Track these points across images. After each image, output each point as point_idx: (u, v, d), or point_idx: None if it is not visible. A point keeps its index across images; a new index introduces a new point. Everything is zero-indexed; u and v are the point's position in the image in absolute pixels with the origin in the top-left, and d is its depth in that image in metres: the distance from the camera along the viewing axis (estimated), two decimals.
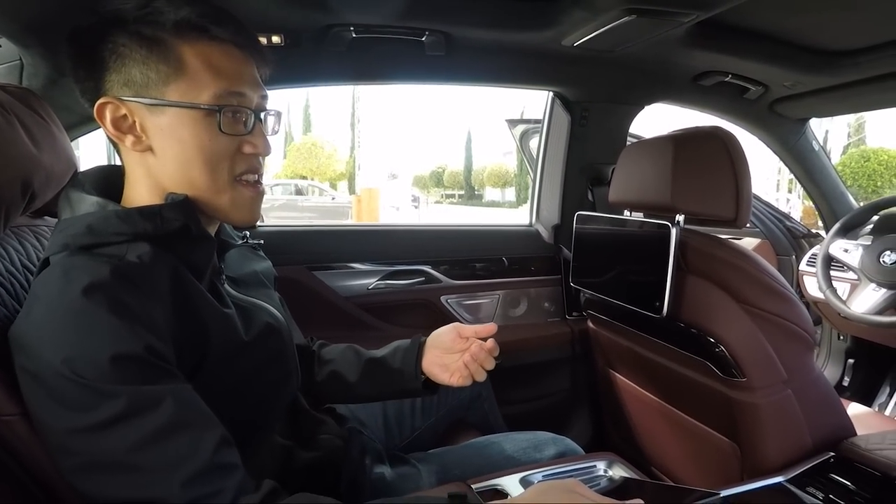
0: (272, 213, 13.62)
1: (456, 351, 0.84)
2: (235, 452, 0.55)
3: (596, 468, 0.76)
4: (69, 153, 0.75)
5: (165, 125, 0.59)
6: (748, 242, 2.31)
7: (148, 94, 0.58)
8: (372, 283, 1.46)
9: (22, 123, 0.65)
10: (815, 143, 1.79)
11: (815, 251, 1.77)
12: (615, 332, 1.31)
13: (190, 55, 0.59)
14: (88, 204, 0.60)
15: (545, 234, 1.65)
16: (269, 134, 0.67)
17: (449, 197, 32.30)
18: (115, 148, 0.64)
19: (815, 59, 1.30)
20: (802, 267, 1.90)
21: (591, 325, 1.43)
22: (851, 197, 1.92)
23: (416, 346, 0.87)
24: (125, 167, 0.64)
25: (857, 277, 1.55)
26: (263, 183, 0.69)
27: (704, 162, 1.03)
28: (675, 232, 1.02)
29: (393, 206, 17.65)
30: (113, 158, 0.72)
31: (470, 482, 0.81)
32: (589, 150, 1.55)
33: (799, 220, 2.37)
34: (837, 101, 1.48)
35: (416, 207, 20.64)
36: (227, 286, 0.70)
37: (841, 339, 2.05)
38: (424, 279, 1.51)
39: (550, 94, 1.56)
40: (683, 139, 1.05)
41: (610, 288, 1.22)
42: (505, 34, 1.17)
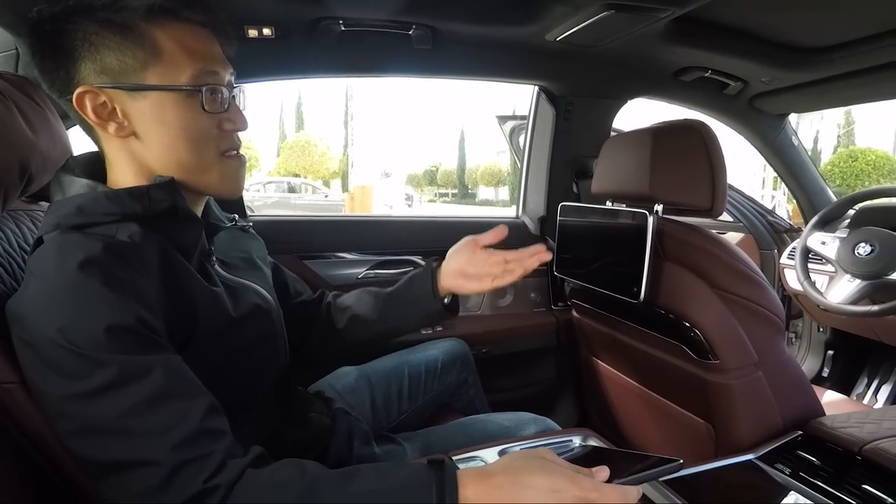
0: (264, 210, 13.56)
1: (476, 262, 0.86)
2: (224, 420, 0.57)
3: (572, 442, 0.79)
4: (64, 139, 0.77)
5: (148, 109, 0.61)
6: (732, 237, 2.35)
7: (127, 80, 0.60)
8: (361, 272, 1.49)
9: (20, 109, 0.67)
10: (794, 138, 1.83)
11: (795, 244, 1.82)
12: (597, 320, 1.35)
13: (164, 38, 0.60)
14: (78, 186, 0.62)
15: (531, 225, 1.69)
16: (244, 108, 0.69)
17: (443, 196, 32.29)
18: (91, 136, 0.65)
19: (790, 55, 1.35)
20: (783, 260, 1.94)
21: (575, 314, 1.47)
22: (830, 191, 1.97)
23: (429, 270, 0.90)
24: (106, 154, 0.65)
25: (833, 269, 1.59)
26: (256, 181, 0.72)
27: (682, 153, 1.06)
28: (651, 220, 1.05)
29: (386, 204, 17.63)
30: None
31: (451, 454, 0.84)
32: (573, 143, 1.58)
33: (787, 217, 2.41)
34: (814, 96, 1.52)
35: (409, 206, 20.63)
36: (216, 267, 0.73)
37: (821, 330, 2.10)
38: (413, 269, 1.54)
39: (536, 88, 1.59)
40: (662, 131, 1.08)
41: (591, 276, 1.26)
42: (489, 28, 1.20)
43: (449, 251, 0.90)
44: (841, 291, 1.55)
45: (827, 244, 1.64)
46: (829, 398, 1.73)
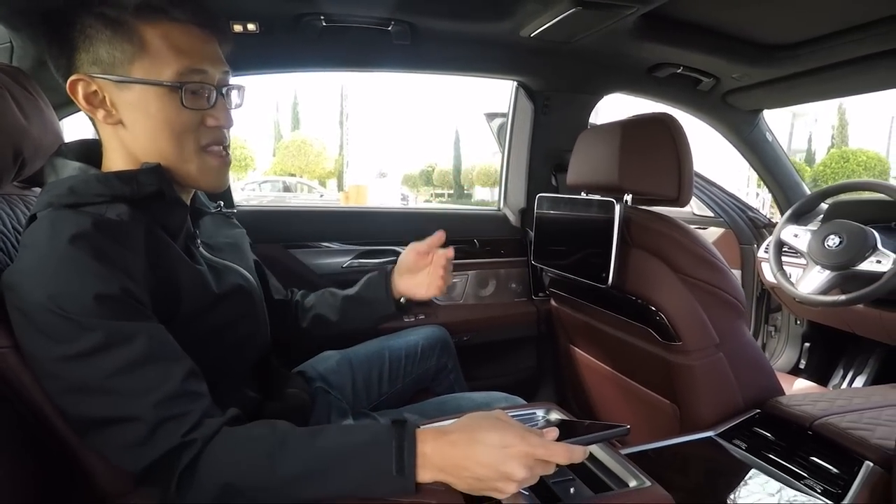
0: None
1: (422, 268, 0.95)
2: (203, 384, 0.62)
3: (535, 414, 0.84)
4: (56, 128, 0.82)
5: (133, 100, 0.65)
6: (713, 232, 2.41)
7: (115, 71, 0.64)
8: (345, 261, 1.53)
9: (14, 98, 0.72)
10: (768, 134, 1.89)
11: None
12: (574, 307, 1.40)
13: (151, 35, 0.64)
14: (71, 168, 0.67)
15: (512, 217, 1.74)
16: (232, 107, 0.72)
17: (438, 196, 32.28)
18: (91, 122, 0.71)
19: (757, 52, 1.40)
20: (760, 254, 2.00)
21: (553, 303, 1.52)
22: (805, 186, 2.03)
23: (383, 275, 0.98)
24: (101, 139, 0.70)
25: (805, 261, 1.64)
26: (252, 180, 0.76)
27: (649, 145, 1.11)
28: (618, 209, 1.10)
29: (382, 204, 17.70)
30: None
31: (421, 423, 0.89)
32: (552, 137, 1.63)
33: (770, 213, 2.46)
34: (783, 92, 1.57)
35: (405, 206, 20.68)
36: (200, 249, 0.78)
37: (798, 323, 2.15)
38: (395, 258, 1.59)
39: (515, 83, 1.64)
40: (631, 124, 1.13)
41: (565, 263, 1.31)
42: (466, 25, 1.25)
43: (398, 260, 0.97)
44: (811, 282, 1.61)
45: (799, 237, 1.69)
46: (799, 385, 1.79)
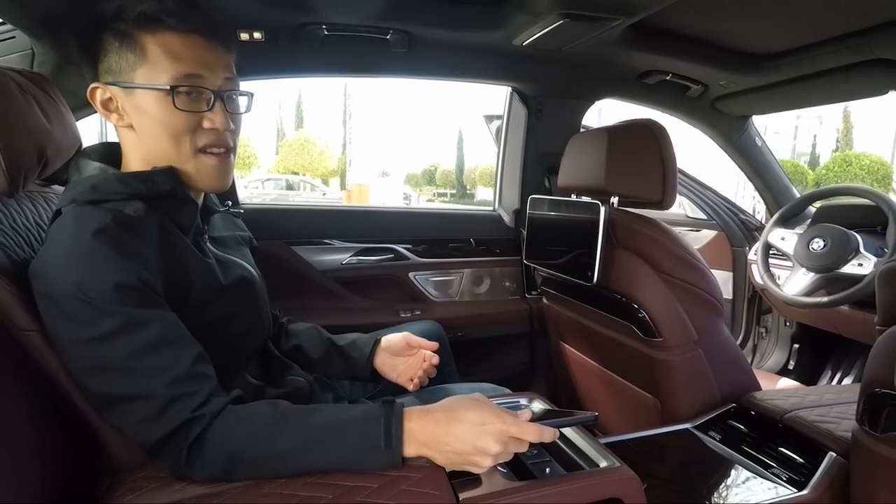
0: None
1: (404, 356, 1.01)
2: (210, 367, 0.68)
3: (518, 403, 0.90)
4: (74, 129, 0.88)
5: (137, 104, 0.71)
6: (705, 234, 2.46)
7: (122, 78, 0.70)
8: (345, 258, 1.60)
9: (37, 102, 0.78)
10: (758, 139, 1.94)
11: None
12: (564, 305, 1.46)
13: (151, 44, 0.69)
14: (92, 168, 0.73)
15: (507, 218, 1.79)
16: (239, 112, 0.78)
17: (441, 195, 32.35)
18: (115, 126, 0.77)
19: (742, 60, 1.46)
20: (750, 256, 2.05)
21: (545, 301, 1.58)
22: (795, 190, 2.07)
23: (370, 342, 1.03)
24: (121, 142, 0.77)
25: (791, 264, 1.69)
26: (255, 178, 0.82)
27: (635, 150, 1.16)
28: (603, 211, 1.16)
29: (384, 203, 17.78)
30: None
31: None
32: (545, 140, 1.69)
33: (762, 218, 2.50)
34: (769, 99, 1.63)
35: (407, 205, 20.75)
36: (208, 244, 0.84)
37: (787, 325, 2.19)
38: (394, 256, 1.65)
39: (509, 89, 1.70)
40: (617, 130, 1.19)
41: (554, 262, 1.37)
42: (461, 34, 1.31)
43: (386, 337, 1.03)
44: (797, 284, 1.66)
45: (786, 239, 1.74)
46: (783, 384, 1.84)
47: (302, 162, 24.15)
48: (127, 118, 0.72)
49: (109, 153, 0.78)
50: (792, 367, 2.18)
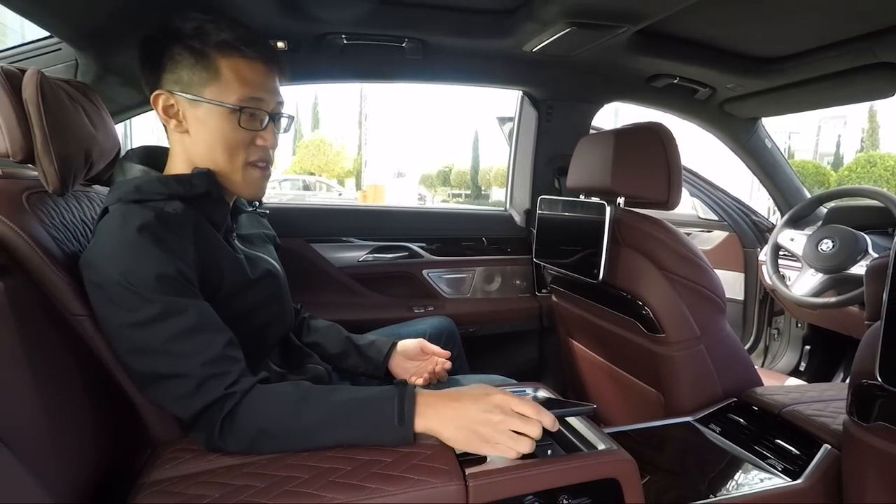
0: None
1: (417, 361, 1.08)
2: (240, 352, 0.75)
3: (525, 392, 0.95)
4: (115, 134, 0.96)
5: (200, 116, 0.79)
6: (717, 235, 2.47)
7: (191, 91, 0.78)
8: (362, 255, 1.66)
9: (84, 111, 0.85)
10: (767, 140, 1.96)
11: None
12: (572, 303, 1.50)
13: (225, 67, 0.78)
14: (136, 171, 0.81)
15: (518, 217, 1.84)
16: (280, 132, 0.87)
17: (455, 196, 32.36)
18: (164, 128, 0.85)
19: (747, 64, 1.49)
20: (761, 257, 2.06)
21: (554, 299, 1.62)
22: (806, 191, 2.09)
23: (388, 345, 1.09)
24: (169, 143, 0.85)
25: (800, 264, 1.71)
26: (272, 178, 0.90)
27: (641, 152, 1.20)
28: (609, 210, 1.20)
29: (399, 203, 17.90)
30: (130, 143, 0.92)
31: None
32: (555, 142, 1.74)
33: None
34: (776, 101, 1.65)
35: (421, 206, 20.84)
36: (237, 241, 0.91)
37: (799, 326, 2.20)
38: (408, 254, 1.71)
39: (520, 93, 1.75)
40: (624, 132, 1.23)
41: (563, 261, 1.42)
42: (473, 41, 1.37)
43: (402, 341, 1.10)
44: (805, 284, 1.68)
45: (795, 240, 1.76)
46: (790, 383, 1.86)
47: (318, 162, 24.43)
48: (185, 125, 0.80)
49: (150, 156, 0.85)
50: (803, 368, 2.19)
